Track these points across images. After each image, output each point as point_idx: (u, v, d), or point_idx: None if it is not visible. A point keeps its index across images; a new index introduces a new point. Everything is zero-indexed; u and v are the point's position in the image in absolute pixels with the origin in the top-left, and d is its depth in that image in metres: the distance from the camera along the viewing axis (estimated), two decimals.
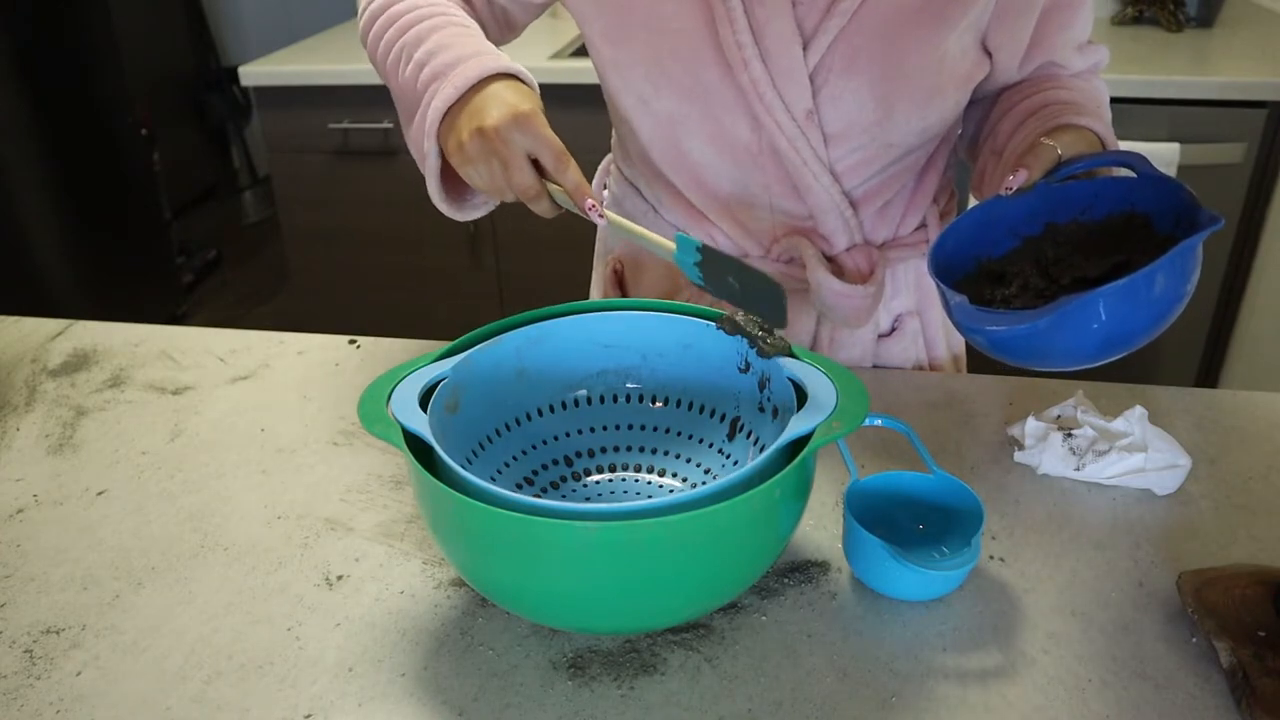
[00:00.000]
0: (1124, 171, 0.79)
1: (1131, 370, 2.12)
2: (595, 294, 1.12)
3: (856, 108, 0.85)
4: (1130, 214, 0.78)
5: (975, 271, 0.81)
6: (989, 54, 0.87)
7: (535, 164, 0.74)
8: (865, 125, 0.86)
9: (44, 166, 2.64)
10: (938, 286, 0.76)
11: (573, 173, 0.73)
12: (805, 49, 0.83)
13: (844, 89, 0.84)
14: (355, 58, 2.35)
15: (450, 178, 0.84)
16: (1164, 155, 1.84)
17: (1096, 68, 0.93)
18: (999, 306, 0.77)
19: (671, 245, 0.72)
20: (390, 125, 2.23)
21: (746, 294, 0.70)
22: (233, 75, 2.59)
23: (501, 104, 0.74)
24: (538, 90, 0.79)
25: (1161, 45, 2.09)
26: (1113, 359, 0.70)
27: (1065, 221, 0.80)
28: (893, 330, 1.01)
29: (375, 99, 2.22)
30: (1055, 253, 0.80)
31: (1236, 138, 1.87)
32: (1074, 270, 0.78)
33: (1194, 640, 0.64)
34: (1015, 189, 0.77)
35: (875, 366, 1.01)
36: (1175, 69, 1.90)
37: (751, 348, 0.72)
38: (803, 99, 0.84)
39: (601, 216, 0.72)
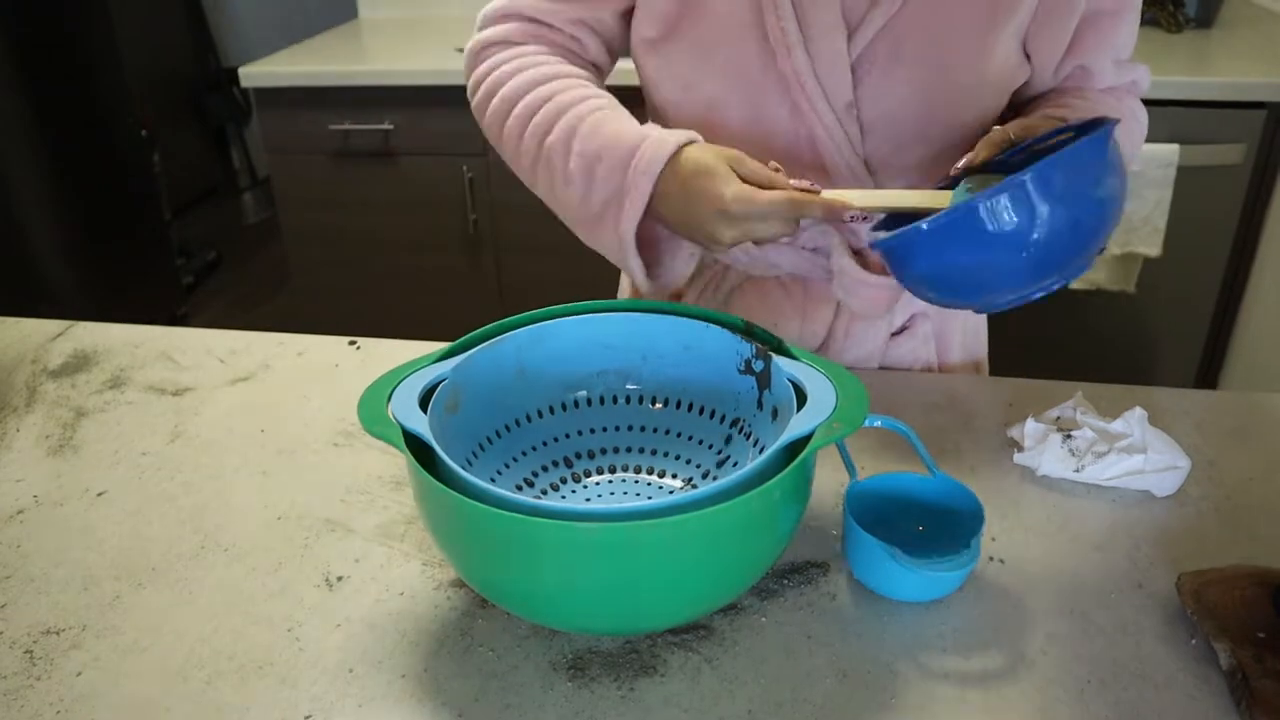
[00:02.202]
0: None
1: (1131, 370, 2.13)
2: (624, 291, 1.12)
3: (896, 102, 0.85)
4: None
5: None
6: (1028, 56, 0.88)
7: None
8: (903, 120, 0.86)
9: (44, 167, 2.63)
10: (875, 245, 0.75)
11: (813, 207, 0.74)
12: (849, 39, 0.83)
13: (885, 82, 0.85)
14: (355, 59, 2.35)
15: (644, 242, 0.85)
16: (1164, 156, 1.84)
17: (1133, 88, 0.93)
18: None
19: (942, 202, 0.72)
20: (390, 126, 2.23)
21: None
22: (233, 76, 2.59)
23: (706, 203, 0.75)
24: (695, 138, 0.80)
25: (1161, 45, 2.09)
26: (1049, 280, 0.68)
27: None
28: (904, 329, 1.00)
29: (375, 100, 2.23)
30: None
31: (1236, 138, 1.87)
32: None
33: (1193, 641, 0.64)
34: (960, 168, 0.78)
35: (883, 367, 1.01)
36: (1175, 69, 1.90)
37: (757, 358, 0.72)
38: (844, 89, 0.85)
39: (865, 218, 0.74)
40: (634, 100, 0.92)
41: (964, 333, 1.04)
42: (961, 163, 0.78)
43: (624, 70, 0.96)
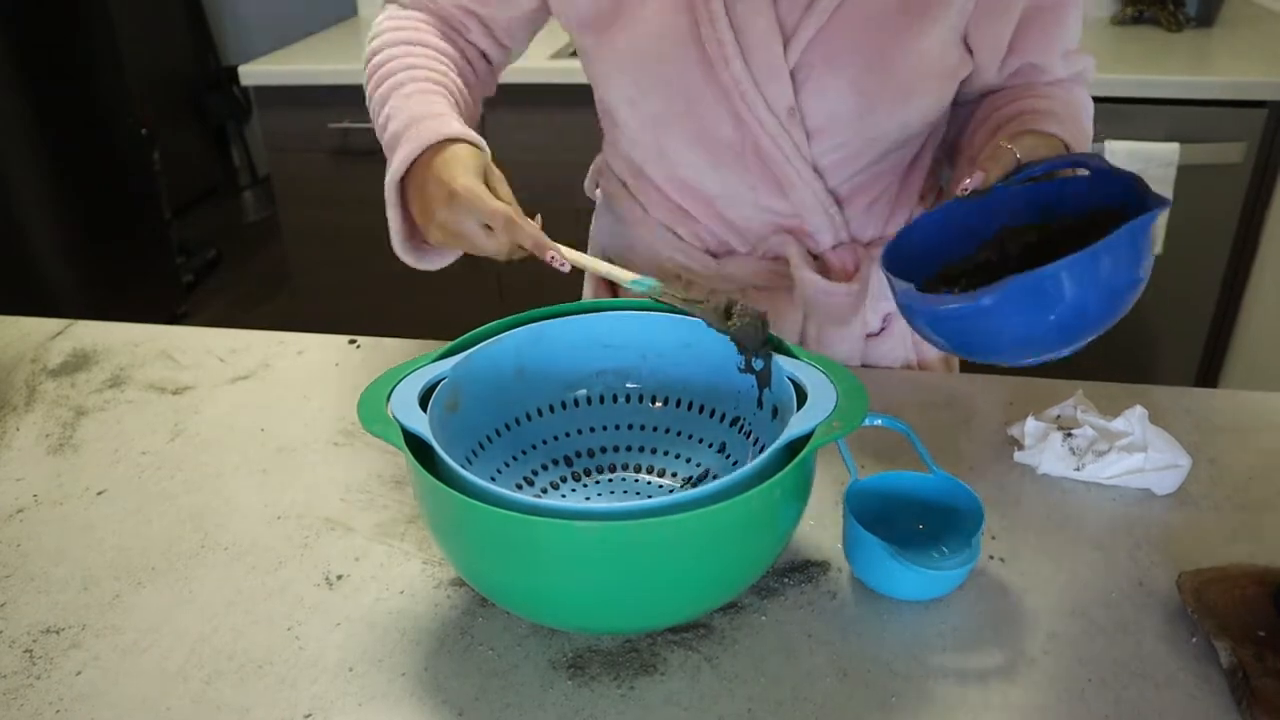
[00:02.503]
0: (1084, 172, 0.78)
1: (1131, 370, 2.12)
2: (587, 292, 1.12)
3: (839, 103, 0.85)
4: (1092, 213, 0.76)
5: (934, 277, 0.81)
6: (970, 51, 0.87)
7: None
8: (847, 121, 0.86)
9: (44, 167, 2.63)
10: (886, 277, 0.76)
11: (525, 234, 0.74)
12: (786, 46, 0.83)
13: (826, 85, 0.84)
14: (355, 58, 2.34)
15: (413, 232, 0.87)
16: (1164, 155, 1.83)
17: (1081, 77, 0.92)
18: None
19: (628, 276, 0.75)
20: None
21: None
22: (233, 75, 2.59)
23: (440, 187, 0.77)
24: (480, 143, 0.81)
25: (1161, 45, 2.09)
26: (1066, 351, 0.69)
27: (1021, 224, 0.80)
28: (881, 330, 1.01)
29: None
30: (1008, 253, 0.80)
31: (1236, 137, 1.86)
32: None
33: (1194, 640, 0.64)
34: (970, 190, 0.77)
35: (864, 366, 1.01)
36: (1175, 69, 1.90)
37: (742, 353, 0.72)
38: (784, 95, 0.85)
39: (564, 264, 0.75)
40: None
41: None
42: (970, 183, 0.77)
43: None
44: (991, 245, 0.81)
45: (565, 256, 0.75)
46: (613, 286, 1.08)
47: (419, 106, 0.83)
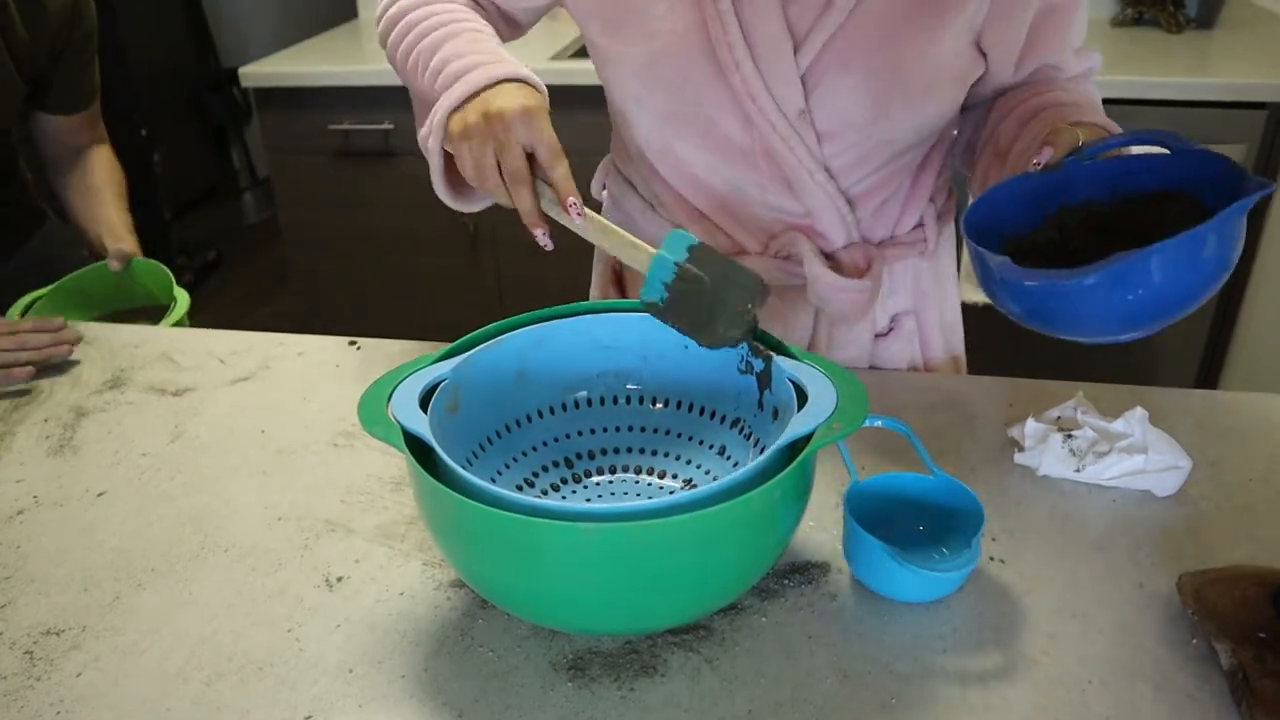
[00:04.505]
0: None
1: (1131, 371, 2.12)
2: (595, 294, 1.12)
3: (851, 106, 0.85)
4: (1165, 191, 0.76)
5: (1000, 249, 0.80)
6: (984, 54, 0.88)
7: (531, 160, 0.76)
8: (859, 123, 0.86)
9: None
10: (973, 250, 0.75)
11: (562, 170, 0.74)
12: (797, 50, 0.83)
13: (838, 88, 0.84)
14: (355, 59, 2.35)
15: (454, 172, 0.85)
16: None
17: (1090, 72, 0.93)
18: None
19: (649, 251, 0.73)
20: (390, 126, 2.23)
21: (715, 305, 0.72)
22: (233, 76, 2.59)
23: (510, 97, 0.76)
24: (546, 94, 0.80)
25: (1161, 46, 2.09)
26: (1152, 329, 0.68)
27: (1080, 201, 0.80)
28: (889, 330, 1.01)
29: (375, 100, 2.23)
30: (1067, 230, 0.79)
31: (1237, 139, 1.86)
32: (1098, 245, 0.77)
33: (1194, 641, 0.64)
34: (1043, 165, 0.77)
35: (872, 367, 1.01)
36: (1175, 70, 1.90)
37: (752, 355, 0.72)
38: (795, 99, 0.85)
39: (580, 215, 0.74)
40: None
41: (942, 329, 1.04)
42: (1041, 158, 0.77)
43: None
44: (1051, 223, 0.81)
45: (584, 219, 0.73)
46: (620, 287, 1.08)
47: (482, 51, 0.81)
